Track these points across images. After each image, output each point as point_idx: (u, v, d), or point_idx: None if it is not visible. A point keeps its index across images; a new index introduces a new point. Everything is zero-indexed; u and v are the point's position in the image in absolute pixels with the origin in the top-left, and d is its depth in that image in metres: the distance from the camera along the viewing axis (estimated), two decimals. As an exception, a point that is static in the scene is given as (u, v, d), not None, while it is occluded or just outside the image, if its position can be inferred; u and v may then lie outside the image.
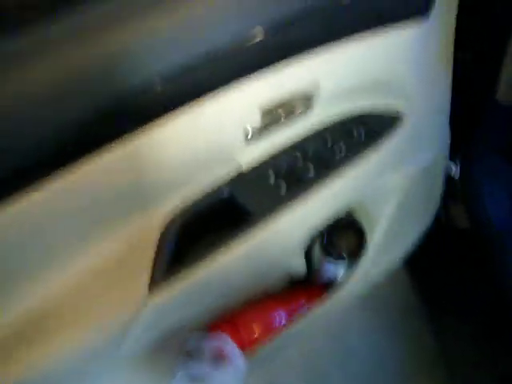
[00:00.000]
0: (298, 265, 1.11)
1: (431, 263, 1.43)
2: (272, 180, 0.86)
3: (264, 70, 0.73)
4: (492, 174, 1.28)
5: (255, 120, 0.79)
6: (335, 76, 0.84)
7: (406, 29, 0.86)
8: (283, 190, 0.86)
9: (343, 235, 1.06)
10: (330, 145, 0.90)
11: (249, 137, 0.79)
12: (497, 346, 1.39)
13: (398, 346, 1.50)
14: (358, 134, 0.93)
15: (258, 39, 0.70)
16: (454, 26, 0.97)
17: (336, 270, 1.09)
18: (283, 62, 0.75)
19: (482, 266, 1.33)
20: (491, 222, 1.28)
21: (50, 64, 0.57)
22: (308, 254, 1.11)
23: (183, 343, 0.98)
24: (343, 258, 1.06)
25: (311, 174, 0.88)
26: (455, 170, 1.29)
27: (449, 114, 1.07)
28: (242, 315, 1.06)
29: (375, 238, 1.11)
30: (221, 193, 0.83)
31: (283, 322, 1.09)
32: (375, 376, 1.46)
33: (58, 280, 0.70)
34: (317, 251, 1.08)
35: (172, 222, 0.79)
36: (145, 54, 0.62)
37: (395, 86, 0.93)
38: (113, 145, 0.62)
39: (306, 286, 1.15)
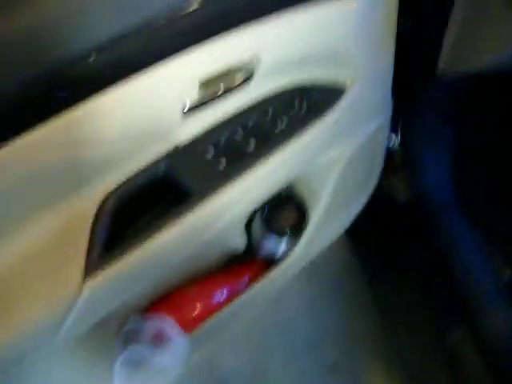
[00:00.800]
0: (239, 241, 1.09)
1: (371, 233, 1.43)
2: (210, 155, 0.82)
3: (201, 41, 0.69)
4: (431, 141, 1.28)
5: (192, 93, 0.75)
6: (275, 48, 0.80)
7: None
8: (222, 166, 0.83)
9: (284, 210, 1.04)
10: (270, 118, 0.87)
11: (185, 110, 0.75)
12: (433, 311, 1.41)
13: (338, 312, 1.51)
14: (299, 107, 0.90)
15: (193, 8, 0.66)
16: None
17: (277, 245, 1.07)
18: (221, 34, 0.71)
19: (422, 237, 1.34)
20: (432, 192, 1.29)
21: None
22: (249, 229, 1.09)
23: (122, 326, 0.95)
24: (284, 234, 1.04)
25: (251, 148, 0.85)
26: (395, 140, 1.28)
27: (391, 84, 1.06)
28: (182, 294, 1.05)
29: (317, 212, 1.09)
30: (157, 170, 0.79)
31: (224, 298, 1.08)
32: (319, 344, 1.47)
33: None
34: (258, 226, 1.06)
35: (106, 201, 0.75)
36: (74, 23, 0.59)
37: (338, 58, 0.90)
38: (43, 120, 0.59)
39: (247, 262, 1.13)
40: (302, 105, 0.90)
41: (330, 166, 1.05)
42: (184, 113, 0.76)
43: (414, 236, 1.39)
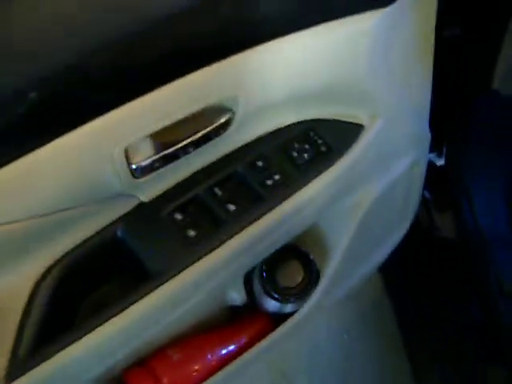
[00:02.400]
0: (237, 294, 0.91)
1: (406, 270, 1.22)
2: (177, 221, 0.65)
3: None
4: (483, 170, 1.05)
5: (143, 147, 0.60)
6: (258, 84, 0.61)
7: (365, 18, 0.62)
8: (191, 233, 0.65)
9: (285, 269, 0.85)
10: (258, 171, 0.68)
11: (133, 167, 0.57)
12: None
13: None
14: (298, 154, 0.70)
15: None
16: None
17: (280, 309, 0.88)
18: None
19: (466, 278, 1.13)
20: (485, 227, 1.07)
21: None
22: (248, 282, 0.91)
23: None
24: (286, 300, 0.85)
25: (230, 211, 0.66)
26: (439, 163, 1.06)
27: (428, 110, 0.84)
28: (164, 362, 0.87)
29: (333, 262, 0.90)
30: (108, 238, 0.66)
31: (218, 360, 0.91)
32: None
33: None
34: (256, 284, 0.87)
35: (45, 277, 0.63)
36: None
37: (352, 91, 0.70)
38: None
39: (248, 316, 0.95)
40: (301, 151, 0.70)
41: (348, 212, 0.85)
42: (134, 170, 0.58)
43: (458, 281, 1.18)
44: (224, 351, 0.94)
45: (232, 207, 0.68)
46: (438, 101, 0.86)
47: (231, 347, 0.94)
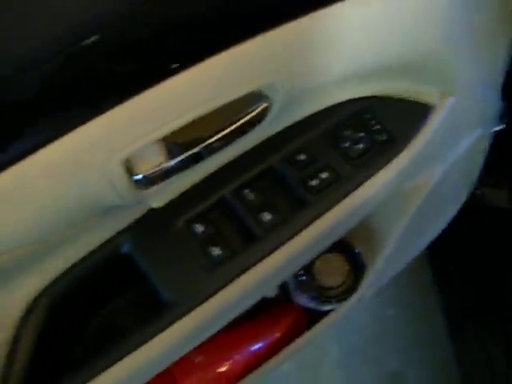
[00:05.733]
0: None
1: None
2: (197, 234, 0.51)
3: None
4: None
5: (148, 153, 0.45)
6: (313, 62, 0.46)
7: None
8: (215, 251, 0.51)
9: (328, 265, 0.71)
10: (299, 168, 0.54)
11: (138, 178, 0.45)
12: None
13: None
14: (351, 145, 0.55)
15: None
16: None
17: (319, 306, 0.75)
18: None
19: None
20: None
21: None
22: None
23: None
24: (327, 299, 0.72)
25: (265, 221, 0.52)
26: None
27: (502, 79, 0.67)
28: (184, 366, 0.76)
29: (383, 253, 0.76)
30: (110, 255, 0.54)
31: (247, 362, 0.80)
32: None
33: None
34: (291, 281, 0.74)
35: (38, 301, 0.51)
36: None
37: (425, 63, 0.54)
38: None
39: (279, 309, 0.83)
40: (357, 140, 0.55)
41: (404, 199, 0.70)
42: (139, 181, 0.44)
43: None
44: (252, 350, 0.83)
45: (267, 216, 0.53)
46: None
47: (260, 346, 0.83)
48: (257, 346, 0.83)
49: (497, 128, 0.86)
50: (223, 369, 0.81)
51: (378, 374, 1.30)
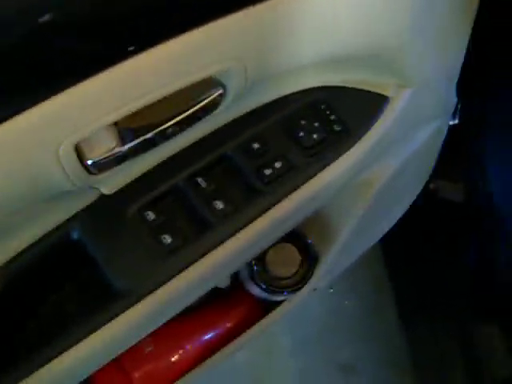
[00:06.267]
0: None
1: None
2: (149, 221, 0.50)
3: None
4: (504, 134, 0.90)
5: (99, 137, 0.44)
6: (270, 48, 0.46)
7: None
8: (167, 239, 0.50)
9: (280, 255, 0.71)
10: (253, 157, 0.53)
11: (89, 163, 0.42)
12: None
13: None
14: (306, 134, 0.55)
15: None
16: None
17: (271, 297, 0.75)
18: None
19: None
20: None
21: None
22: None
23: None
24: (279, 290, 0.72)
25: (217, 209, 0.51)
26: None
27: (459, 73, 0.68)
28: (134, 356, 0.75)
29: (337, 245, 0.76)
30: (59, 241, 0.52)
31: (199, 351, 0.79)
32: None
33: None
34: (243, 272, 0.74)
35: None
36: None
37: (384, 54, 0.54)
38: None
39: (230, 298, 0.83)
40: (313, 127, 0.55)
41: (359, 190, 0.71)
42: (90, 166, 0.43)
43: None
44: (204, 340, 0.82)
45: (220, 205, 0.53)
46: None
47: (212, 335, 0.82)
48: (208, 336, 0.82)
49: (452, 122, 0.88)
50: (174, 359, 0.80)
51: (329, 366, 1.31)
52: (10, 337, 0.52)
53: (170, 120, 0.46)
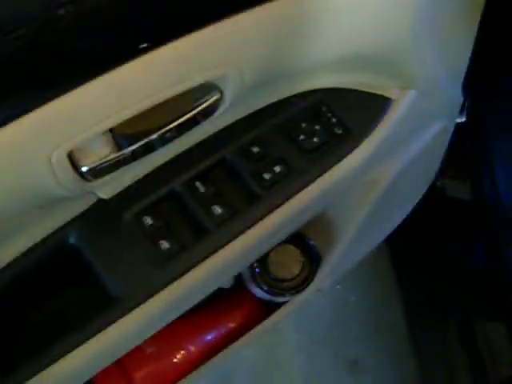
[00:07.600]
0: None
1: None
2: (146, 226, 0.50)
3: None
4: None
5: (94, 144, 0.43)
6: (271, 52, 0.45)
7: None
8: (165, 245, 0.49)
9: (282, 257, 0.70)
10: (253, 161, 0.52)
11: (84, 170, 0.42)
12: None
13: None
14: (306, 138, 0.54)
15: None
16: None
17: (274, 298, 0.75)
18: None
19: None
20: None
21: None
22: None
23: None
24: (281, 292, 0.71)
25: (216, 215, 0.51)
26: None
27: (464, 73, 0.66)
28: (136, 357, 0.75)
29: (340, 247, 0.75)
30: (56, 246, 0.52)
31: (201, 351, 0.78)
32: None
33: None
34: (246, 273, 0.73)
35: None
36: None
37: (388, 55, 0.53)
38: None
39: (233, 298, 0.82)
40: (314, 130, 0.54)
41: (363, 191, 0.70)
42: (85, 173, 0.42)
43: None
44: (206, 340, 0.82)
45: (218, 209, 0.52)
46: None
47: (215, 336, 0.82)
48: (210, 336, 0.82)
49: (458, 120, 0.86)
50: (176, 359, 0.80)
51: (336, 361, 1.31)
52: (6, 342, 0.52)
53: (166, 126, 0.45)
